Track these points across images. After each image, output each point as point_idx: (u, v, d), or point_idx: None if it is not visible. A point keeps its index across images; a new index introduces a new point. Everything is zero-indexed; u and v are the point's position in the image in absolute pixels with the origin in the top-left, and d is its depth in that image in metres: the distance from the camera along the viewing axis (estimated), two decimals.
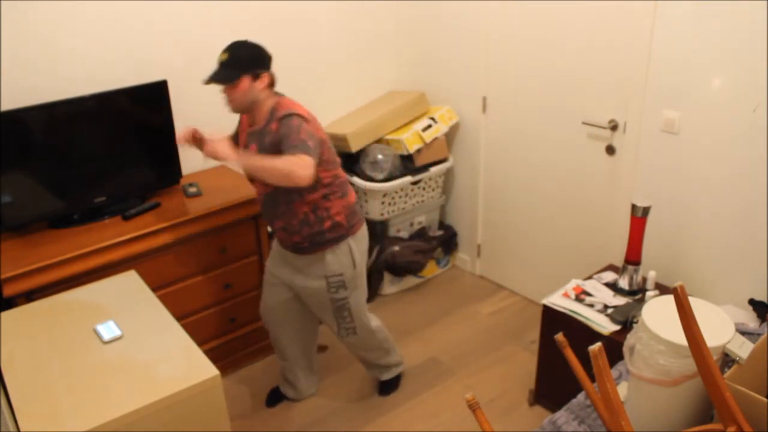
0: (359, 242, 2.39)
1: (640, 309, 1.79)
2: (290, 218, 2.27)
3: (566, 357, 1.45)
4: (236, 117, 3.11)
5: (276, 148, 2.12)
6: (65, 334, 1.90)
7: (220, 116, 3.06)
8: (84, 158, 2.57)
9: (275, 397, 2.78)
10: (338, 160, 2.29)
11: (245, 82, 2.13)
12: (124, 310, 2.00)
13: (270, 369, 2.99)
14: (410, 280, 3.56)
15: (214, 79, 2.14)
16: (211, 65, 2.94)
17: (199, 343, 1.93)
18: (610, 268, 2.74)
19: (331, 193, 2.26)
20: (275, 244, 2.50)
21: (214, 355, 2.79)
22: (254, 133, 2.24)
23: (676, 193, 2.60)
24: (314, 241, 2.30)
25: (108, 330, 1.89)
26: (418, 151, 3.31)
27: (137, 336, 1.88)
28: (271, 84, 2.21)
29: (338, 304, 2.42)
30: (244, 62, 2.13)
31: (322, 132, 2.19)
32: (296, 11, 3.13)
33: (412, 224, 3.52)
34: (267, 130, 2.17)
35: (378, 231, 3.35)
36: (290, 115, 2.11)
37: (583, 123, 2.86)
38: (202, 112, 2.99)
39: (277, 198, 2.26)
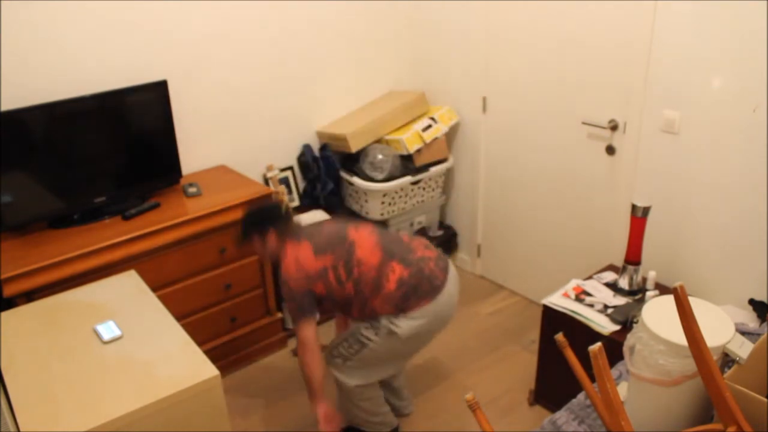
0: (412, 322, 2.19)
1: (640, 309, 1.79)
2: (358, 318, 2.32)
3: (566, 357, 1.45)
4: (235, 120, 3.12)
5: None
6: (65, 334, 1.90)
7: (220, 116, 3.07)
8: (84, 158, 2.57)
9: None
10: (353, 272, 2.18)
11: (256, 241, 2.33)
12: (124, 310, 2.00)
13: (270, 369, 2.99)
14: None
15: (238, 240, 2.39)
16: (211, 65, 2.96)
17: (199, 343, 1.93)
18: (610, 268, 2.74)
19: (364, 298, 2.20)
20: None
21: (214, 355, 2.80)
22: None
23: (676, 193, 2.60)
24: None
25: (108, 330, 1.89)
26: (418, 151, 3.31)
27: (137, 336, 1.88)
28: (281, 237, 2.28)
29: (356, 334, 2.30)
30: (249, 226, 2.34)
31: (310, 271, 2.17)
32: (296, 11, 3.13)
33: (412, 224, 3.52)
34: None
35: None
36: (281, 282, 2.22)
37: (583, 123, 2.86)
38: (202, 112, 3.00)
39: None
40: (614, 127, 2.75)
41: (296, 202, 3.37)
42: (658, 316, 1.36)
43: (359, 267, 2.18)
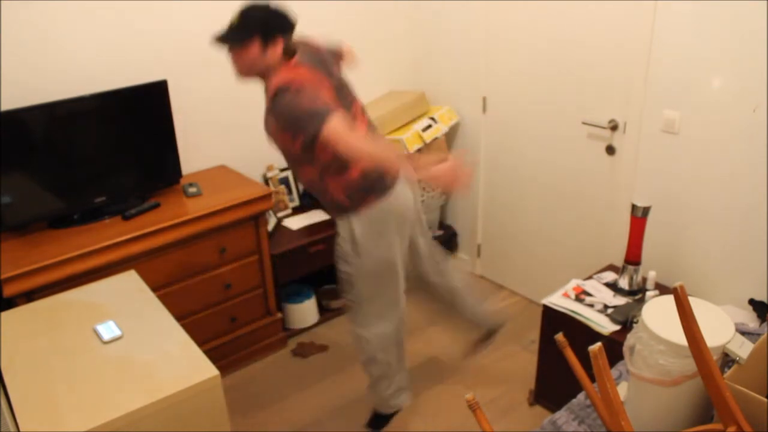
0: (364, 222, 2.16)
1: (640, 309, 1.79)
2: (305, 181, 2.17)
3: (566, 357, 1.45)
4: (235, 120, 3.12)
5: (280, 124, 1.93)
6: (65, 334, 1.90)
7: (220, 116, 3.07)
8: (84, 158, 2.58)
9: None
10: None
11: (254, 46, 1.94)
12: (124, 310, 2.00)
13: (270, 369, 2.99)
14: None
15: (223, 39, 1.96)
16: (211, 65, 2.96)
17: (199, 343, 1.93)
18: (610, 268, 2.74)
19: (325, 171, 2.07)
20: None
21: (214, 355, 2.80)
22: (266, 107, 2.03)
23: (676, 193, 2.60)
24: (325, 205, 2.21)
25: (108, 330, 1.89)
26: (419, 151, 3.31)
27: (137, 336, 1.88)
28: (287, 52, 1.98)
29: (342, 276, 2.32)
30: (255, 23, 1.93)
31: (326, 93, 1.95)
32: (296, 12, 3.13)
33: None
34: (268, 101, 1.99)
35: None
36: (277, 93, 1.88)
37: (583, 123, 2.86)
38: (202, 112, 3.00)
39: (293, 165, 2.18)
40: (614, 127, 2.75)
41: (296, 202, 3.37)
42: (658, 316, 1.36)
43: None
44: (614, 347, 1.72)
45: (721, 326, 1.34)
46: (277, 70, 1.97)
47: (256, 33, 1.92)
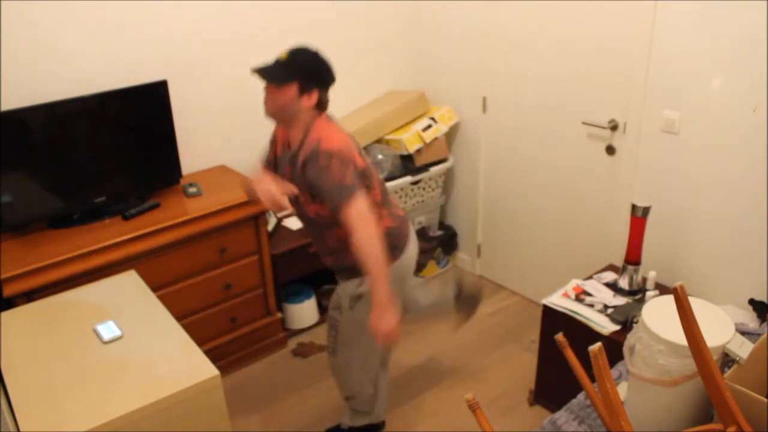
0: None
1: (640, 309, 1.79)
2: (332, 243, 2.13)
3: (566, 357, 1.45)
4: (235, 120, 3.12)
5: (305, 184, 1.96)
6: (65, 334, 1.90)
7: (220, 116, 3.07)
8: (84, 158, 2.57)
9: None
10: (378, 197, 2.05)
11: (292, 90, 1.92)
12: (124, 310, 2.00)
13: (270, 369, 2.99)
14: None
15: (263, 72, 1.93)
16: (211, 66, 2.96)
17: (199, 343, 1.93)
18: (610, 268, 2.74)
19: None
20: None
21: (214, 355, 2.80)
22: (287, 157, 2.06)
23: (676, 193, 2.60)
24: (341, 268, 2.19)
25: (108, 330, 1.89)
26: (418, 151, 3.31)
27: (137, 336, 1.88)
28: (320, 106, 1.99)
29: (329, 320, 2.34)
30: (299, 68, 1.93)
31: (359, 160, 1.97)
32: (296, 11, 3.13)
33: (411, 224, 3.52)
34: (298, 156, 1.99)
35: None
36: (317, 153, 1.90)
37: (583, 123, 2.86)
38: (202, 112, 3.00)
39: (313, 228, 2.15)
40: (614, 127, 2.75)
41: None
42: (658, 316, 1.36)
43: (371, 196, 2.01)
44: (614, 347, 1.72)
45: (721, 326, 1.34)
46: (311, 123, 1.97)
47: (297, 78, 1.91)
